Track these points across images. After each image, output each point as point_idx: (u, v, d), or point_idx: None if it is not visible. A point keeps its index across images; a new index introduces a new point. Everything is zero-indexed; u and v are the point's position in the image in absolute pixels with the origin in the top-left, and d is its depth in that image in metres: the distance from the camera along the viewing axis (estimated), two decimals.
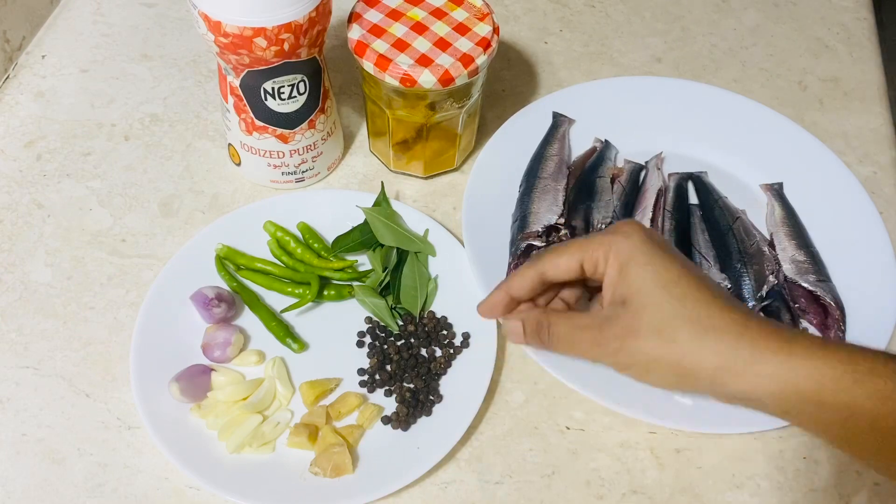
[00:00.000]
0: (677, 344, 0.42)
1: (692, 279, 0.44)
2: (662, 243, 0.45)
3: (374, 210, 0.61)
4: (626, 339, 0.44)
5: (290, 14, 0.53)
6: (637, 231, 0.45)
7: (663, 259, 0.44)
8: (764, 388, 0.41)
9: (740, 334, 0.42)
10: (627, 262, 0.44)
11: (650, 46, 0.80)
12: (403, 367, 0.57)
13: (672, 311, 0.43)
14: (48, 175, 0.67)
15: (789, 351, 0.41)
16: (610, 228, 0.47)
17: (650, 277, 0.43)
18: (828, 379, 0.40)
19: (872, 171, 0.71)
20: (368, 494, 0.51)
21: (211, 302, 0.56)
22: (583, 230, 0.63)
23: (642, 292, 0.43)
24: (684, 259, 0.46)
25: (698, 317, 0.42)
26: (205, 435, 0.53)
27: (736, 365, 0.41)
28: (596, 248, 0.46)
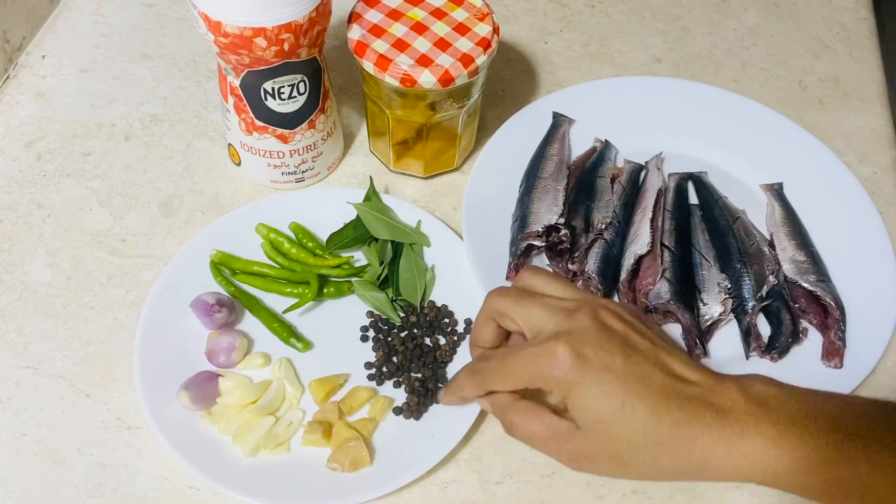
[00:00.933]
0: (632, 468, 0.43)
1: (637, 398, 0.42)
2: (595, 361, 0.43)
3: (366, 205, 0.61)
4: (581, 461, 0.44)
5: (290, 14, 0.53)
6: (566, 360, 0.43)
7: (603, 385, 0.42)
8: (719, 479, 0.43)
9: (691, 450, 0.42)
10: (567, 394, 0.43)
11: (650, 46, 0.80)
12: (410, 357, 0.57)
13: (623, 441, 0.42)
14: (48, 175, 0.67)
15: (740, 453, 0.41)
16: (538, 353, 0.43)
17: (594, 411, 0.42)
18: (780, 474, 0.41)
19: (872, 171, 0.71)
20: (388, 485, 0.51)
21: (212, 308, 0.56)
22: (583, 230, 0.63)
23: (590, 423, 0.43)
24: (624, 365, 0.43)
25: (649, 442, 0.42)
26: (218, 440, 0.53)
27: (689, 473, 0.42)
28: (532, 380, 0.44)
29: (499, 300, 0.47)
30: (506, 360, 0.45)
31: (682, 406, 0.42)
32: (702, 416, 0.42)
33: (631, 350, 0.44)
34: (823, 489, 0.41)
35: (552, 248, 0.62)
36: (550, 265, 0.62)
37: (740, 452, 0.41)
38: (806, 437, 0.41)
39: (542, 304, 0.46)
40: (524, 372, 0.44)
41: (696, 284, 0.61)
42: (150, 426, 0.52)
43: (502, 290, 0.48)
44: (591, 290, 0.60)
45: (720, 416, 0.42)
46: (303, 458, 0.53)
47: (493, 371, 0.46)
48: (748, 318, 0.59)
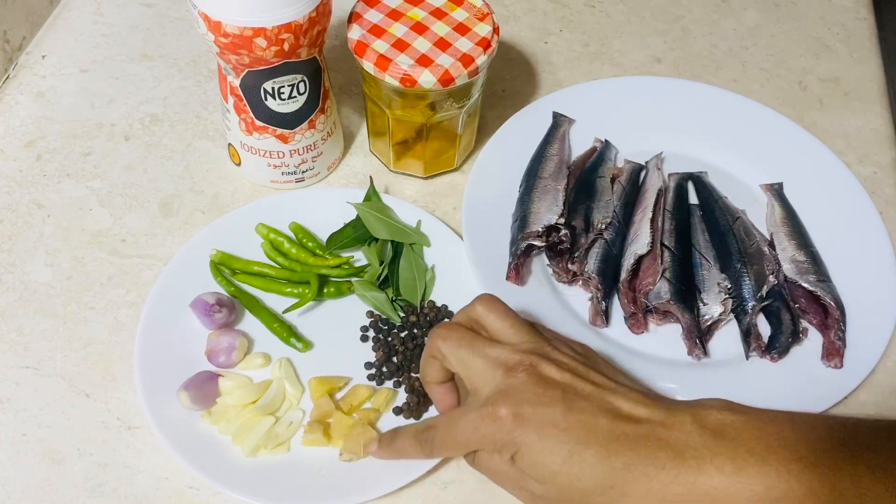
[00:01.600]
0: None
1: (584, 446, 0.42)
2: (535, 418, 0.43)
3: (366, 205, 0.61)
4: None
5: (290, 14, 0.53)
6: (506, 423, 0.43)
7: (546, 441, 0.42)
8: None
9: (647, 492, 0.41)
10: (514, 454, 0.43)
11: (650, 46, 0.80)
12: (410, 357, 0.57)
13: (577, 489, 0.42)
14: (48, 175, 0.67)
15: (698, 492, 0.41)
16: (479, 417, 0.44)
17: (543, 466, 0.43)
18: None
19: (872, 171, 0.71)
20: (388, 485, 0.51)
21: (212, 308, 0.56)
22: (583, 230, 0.63)
23: (544, 476, 0.43)
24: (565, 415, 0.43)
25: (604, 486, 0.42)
26: (218, 440, 0.53)
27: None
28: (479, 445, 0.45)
29: (441, 343, 0.47)
30: (450, 431, 0.46)
31: (632, 447, 0.42)
32: (654, 455, 0.42)
33: (572, 399, 0.43)
34: None
35: (552, 248, 0.62)
36: (550, 265, 0.62)
37: (699, 490, 0.41)
38: (766, 468, 0.40)
39: (482, 358, 0.46)
40: (470, 439, 0.45)
41: (696, 284, 0.61)
42: (150, 426, 0.52)
43: (445, 331, 0.47)
44: (592, 289, 0.60)
45: (674, 453, 0.41)
46: (303, 458, 0.53)
47: (440, 441, 0.47)
48: (748, 318, 0.59)
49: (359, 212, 0.61)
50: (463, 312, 0.50)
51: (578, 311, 0.61)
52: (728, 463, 0.41)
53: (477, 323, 0.49)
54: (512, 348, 0.46)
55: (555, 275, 0.62)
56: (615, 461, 0.42)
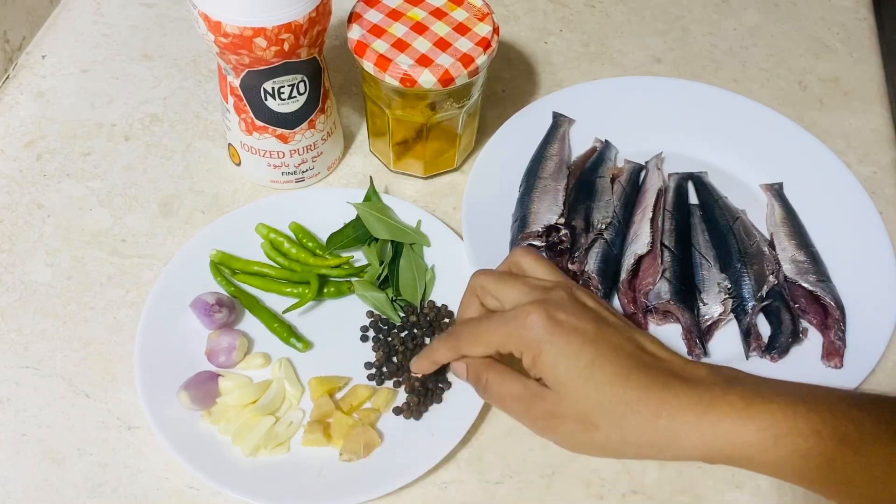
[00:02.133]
0: (600, 430, 0.43)
1: (607, 360, 0.43)
2: (566, 322, 0.44)
3: (366, 205, 0.61)
4: (550, 420, 0.45)
5: (290, 14, 0.53)
6: (538, 321, 0.44)
7: (571, 346, 0.44)
8: (688, 455, 0.43)
9: (658, 414, 0.42)
10: (538, 354, 0.44)
11: (650, 46, 0.80)
12: (410, 357, 0.57)
13: (590, 399, 0.43)
14: (48, 175, 0.67)
15: (708, 422, 0.42)
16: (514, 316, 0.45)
17: (563, 368, 0.43)
18: (748, 445, 0.41)
19: (872, 171, 0.71)
20: (388, 485, 0.51)
21: (212, 308, 0.56)
22: (583, 230, 0.63)
23: (559, 382, 0.44)
24: (594, 328, 0.44)
25: (616, 401, 0.43)
26: (218, 440, 0.53)
27: (658, 443, 0.43)
28: (506, 343, 0.46)
29: (482, 278, 0.49)
30: (479, 325, 0.47)
31: (650, 373, 0.43)
32: (670, 383, 0.43)
33: (604, 322, 0.45)
34: (790, 462, 0.41)
35: (552, 248, 0.62)
36: None
37: (708, 421, 0.42)
38: (773, 407, 0.42)
39: (522, 283, 0.48)
40: (496, 334, 0.46)
41: (696, 284, 0.61)
42: (150, 426, 0.52)
43: (487, 270, 0.50)
44: (591, 289, 0.60)
45: (689, 385, 0.43)
46: (303, 459, 0.53)
47: (466, 335, 0.48)
48: (748, 318, 0.59)
49: (359, 212, 0.61)
50: (503, 262, 0.52)
51: None
52: (738, 399, 0.42)
53: (516, 266, 0.51)
54: (549, 280, 0.48)
55: None
56: (632, 380, 0.43)
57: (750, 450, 0.42)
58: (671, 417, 0.42)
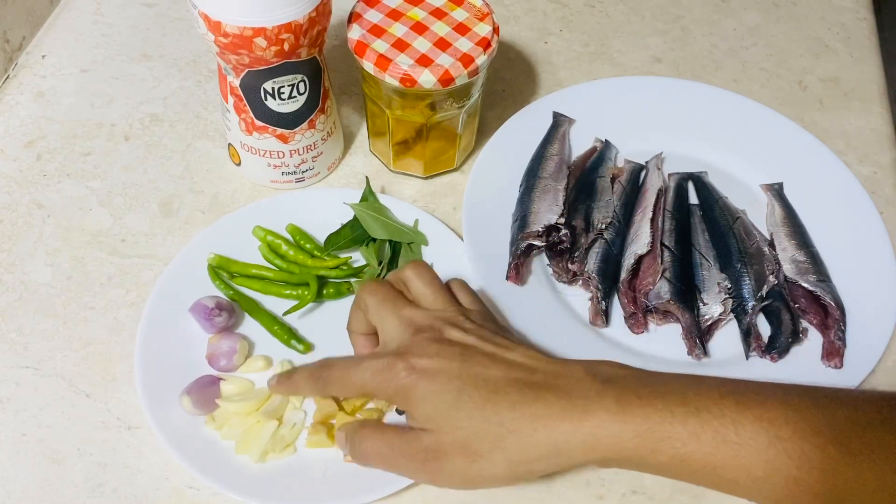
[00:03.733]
0: (484, 457, 0.43)
1: (472, 388, 0.43)
2: (430, 368, 0.44)
3: (362, 205, 0.61)
4: (434, 461, 0.44)
5: (290, 14, 0.53)
6: (401, 372, 0.45)
7: (436, 384, 0.44)
8: (581, 462, 0.43)
9: (534, 428, 0.42)
10: (407, 400, 0.45)
11: (650, 46, 0.80)
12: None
13: (465, 427, 0.43)
14: (48, 175, 0.67)
15: (586, 429, 0.42)
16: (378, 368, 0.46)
17: (432, 406, 0.44)
18: (628, 450, 0.41)
19: (872, 171, 0.71)
20: (392, 485, 0.51)
21: (211, 312, 0.56)
22: (583, 230, 0.63)
23: (431, 419, 0.44)
24: (459, 366, 0.44)
25: (490, 424, 0.43)
26: (221, 443, 0.53)
27: (544, 455, 0.42)
28: (375, 391, 0.46)
29: (367, 297, 0.50)
30: (348, 372, 0.47)
31: (520, 390, 0.43)
32: (542, 396, 0.43)
33: (471, 355, 0.45)
34: (672, 465, 0.41)
35: (552, 248, 0.62)
36: (550, 265, 0.62)
37: (586, 429, 0.42)
38: (650, 411, 0.41)
39: (397, 317, 0.48)
40: (365, 383, 0.46)
41: (696, 284, 0.61)
42: (154, 431, 0.52)
43: (374, 286, 0.50)
44: (592, 289, 0.60)
45: (562, 394, 0.43)
46: (305, 460, 0.53)
47: (335, 380, 0.48)
48: (748, 318, 0.59)
49: (356, 212, 0.61)
50: (394, 273, 0.52)
51: (578, 311, 0.61)
52: (613, 404, 0.42)
53: (404, 285, 0.51)
54: (427, 313, 0.48)
55: (555, 275, 0.62)
56: (502, 400, 0.43)
57: (631, 455, 0.41)
58: (548, 429, 0.42)
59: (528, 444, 0.42)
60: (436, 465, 0.44)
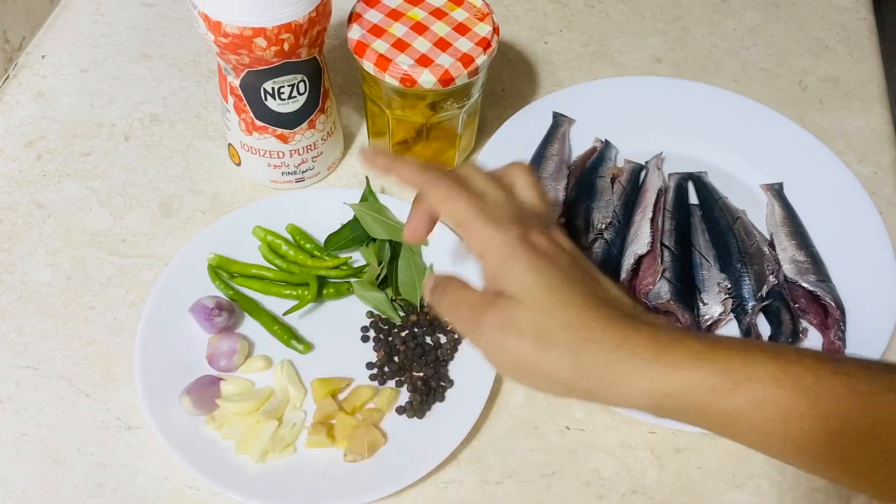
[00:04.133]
0: (554, 350, 0.41)
1: (576, 287, 0.42)
2: (542, 246, 0.43)
3: (363, 205, 0.61)
4: (503, 332, 0.42)
5: (290, 14, 0.53)
6: (516, 234, 0.43)
7: (544, 264, 0.42)
8: (641, 400, 0.41)
9: (618, 346, 0.40)
10: (506, 260, 0.42)
11: (650, 46, 0.80)
12: (411, 356, 0.57)
13: (552, 314, 0.41)
14: (48, 175, 0.67)
15: (666, 362, 0.40)
16: (492, 215, 0.44)
17: (531, 280, 0.42)
18: (704, 390, 0.40)
19: (872, 171, 0.71)
20: (393, 485, 0.51)
21: (211, 312, 0.56)
22: (583, 230, 0.63)
23: (524, 290, 0.42)
24: (568, 262, 0.43)
25: (579, 325, 0.41)
26: (221, 443, 0.53)
27: (612, 379, 0.40)
28: (474, 231, 0.44)
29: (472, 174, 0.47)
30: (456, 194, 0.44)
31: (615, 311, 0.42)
32: (634, 324, 0.41)
33: (579, 262, 0.44)
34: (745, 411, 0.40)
35: None
36: None
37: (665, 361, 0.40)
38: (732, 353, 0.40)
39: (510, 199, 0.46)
40: (472, 218, 0.44)
41: (696, 284, 0.61)
42: (153, 430, 0.52)
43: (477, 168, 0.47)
44: None
45: (650, 326, 0.41)
46: (306, 460, 0.53)
47: (443, 190, 0.45)
48: (748, 318, 0.59)
49: (356, 212, 0.61)
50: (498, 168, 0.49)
51: None
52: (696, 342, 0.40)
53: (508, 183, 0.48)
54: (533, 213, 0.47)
55: None
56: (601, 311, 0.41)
57: (705, 396, 0.39)
58: (630, 351, 0.40)
59: (603, 360, 0.40)
60: (501, 335, 0.42)
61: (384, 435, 0.54)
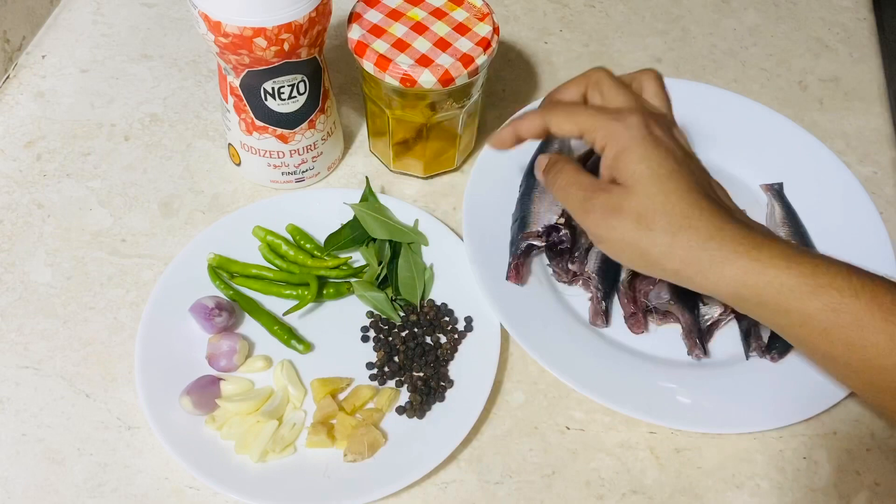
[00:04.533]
0: (652, 233, 0.45)
1: (683, 177, 0.46)
2: (661, 138, 0.47)
3: (363, 205, 0.61)
4: (608, 214, 0.46)
5: (290, 14, 0.53)
6: (637, 125, 0.47)
7: (658, 154, 0.46)
8: (724, 288, 0.45)
9: (711, 236, 0.44)
10: (624, 150, 0.46)
11: (650, 46, 0.80)
12: (411, 356, 0.57)
13: (655, 201, 0.45)
14: (48, 175, 0.67)
15: (754, 257, 0.44)
16: (614, 112, 0.48)
17: (642, 168, 0.46)
18: (786, 288, 0.43)
19: (872, 171, 0.71)
20: (393, 485, 0.51)
21: (212, 312, 0.56)
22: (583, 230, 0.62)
23: (634, 178, 0.46)
24: (682, 155, 0.47)
25: (678, 213, 0.45)
26: (221, 443, 0.53)
27: (701, 263, 0.44)
28: (597, 129, 0.48)
29: (603, 75, 0.51)
30: (576, 106, 0.50)
31: (716, 206, 0.46)
32: (731, 219, 0.45)
33: (691, 159, 0.48)
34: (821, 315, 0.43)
35: (552, 248, 0.62)
36: (550, 265, 0.62)
37: (754, 256, 0.44)
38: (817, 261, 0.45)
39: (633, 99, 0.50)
40: (592, 119, 0.48)
41: None
42: (153, 430, 0.52)
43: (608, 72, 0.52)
44: (592, 289, 0.60)
45: (746, 226, 0.45)
46: (306, 460, 0.53)
47: (562, 109, 0.50)
48: (748, 319, 0.59)
49: (356, 212, 0.61)
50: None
51: (578, 311, 0.61)
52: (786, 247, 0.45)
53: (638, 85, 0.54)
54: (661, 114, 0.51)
55: (555, 275, 0.62)
56: (700, 203, 0.45)
57: (787, 295, 0.43)
58: (722, 241, 0.44)
59: (697, 245, 0.44)
60: (607, 216, 0.46)
61: (384, 435, 0.54)
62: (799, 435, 0.56)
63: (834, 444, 0.56)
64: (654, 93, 0.52)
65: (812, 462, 0.55)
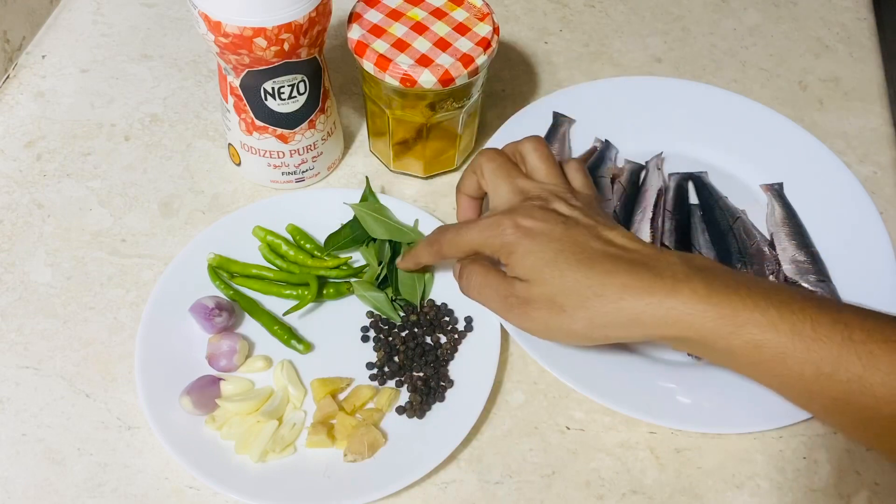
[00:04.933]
0: (567, 312, 0.47)
1: (569, 251, 0.48)
2: (534, 228, 0.49)
3: (362, 205, 0.61)
4: (525, 308, 0.49)
5: (290, 14, 0.53)
6: (510, 226, 0.49)
7: (538, 244, 0.48)
8: (652, 334, 0.46)
9: (621, 296, 0.45)
10: (510, 253, 0.49)
11: (650, 46, 0.80)
12: (411, 356, 0.57)
13: (555, 284, 0.47)
14: (48, 175, 0.67)
15: (669, 305, 0.44)
16: (491, 223, 0.51)
17: (532, 261, 0.48)
18: (707, 330, 0.44)
19: (872, 171, 0.71)
20: (394, 484, 0.51)
21: (212, 312, 0.56)
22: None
23: (530, 272, 0.48)
24: (561, 229, 0.49)
25: (580, 286, 0.46)
26: (221, 443, 0.53)
27: (621, 321, 0.46)
28: (484, 246, 0.51)
29: (485, 163, 0.55)
30: (459, 232, 0.53)
31: (614, 262, 0.47)
32: (635, 270, 0.46)
33: (572, 225, 0.50)
34: (744, 352, 0.44)
35: None
36: None
37: (669, 304, 0.45)
38: (735, 298, 0.44)
39: (510, 184, 0.53)
40: (475, 241, 0.51)
41: None
42: (153, 431, 0.52)
43: (493, 154, 0.55)
44: None
45: (654, 272, 0.46)
46: (307, 460, 0.53)
47: (448, 241, 0.53)
48: None
49: (355, 212, 0.61)
50: (512, 145, 0.57)
51: None
52: (702, 286, 0.45)
53: (521, 157, 0.56)
54: (538, 185, 0.53)
55: None
56: (597, 268, 0.47)
57: (709, 336, 0.44)
58: (633, 298, 0.45)
59: (610, 309, 0.46)
60: (524, 310, 0.49)
61: (384, 435, 0.54)
62: (799, 435, 0.56)
63: (834, 444, 0.56)
64: (536, 163, 0.55)
65: (812, 462, 0.55)
